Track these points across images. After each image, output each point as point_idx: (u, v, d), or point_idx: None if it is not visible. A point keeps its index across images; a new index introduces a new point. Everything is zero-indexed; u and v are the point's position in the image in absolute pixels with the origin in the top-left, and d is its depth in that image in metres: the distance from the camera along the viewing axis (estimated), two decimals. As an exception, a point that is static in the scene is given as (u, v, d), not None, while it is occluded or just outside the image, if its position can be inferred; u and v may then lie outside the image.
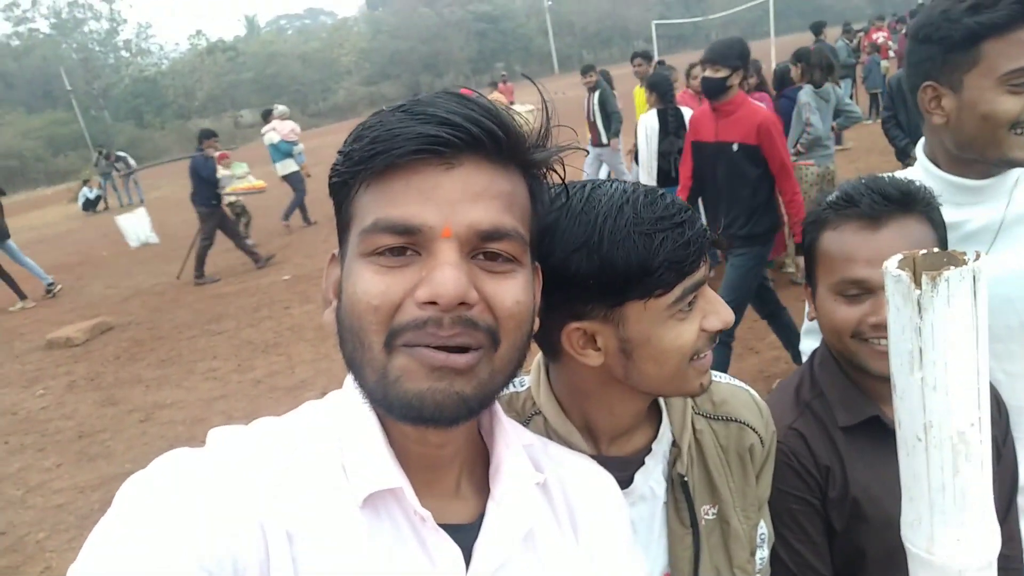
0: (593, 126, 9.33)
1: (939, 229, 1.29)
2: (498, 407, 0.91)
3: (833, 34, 15.63)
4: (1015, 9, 1.37)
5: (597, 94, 9.23)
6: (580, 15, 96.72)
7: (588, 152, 2.66)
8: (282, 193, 13.60)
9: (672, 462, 1.15)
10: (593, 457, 1.06)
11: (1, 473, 5.55)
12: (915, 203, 1.26)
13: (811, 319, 1.44)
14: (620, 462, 1.12)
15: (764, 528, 1.26)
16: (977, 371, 0.81)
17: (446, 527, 0.80)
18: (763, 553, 1.24)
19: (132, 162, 25.06)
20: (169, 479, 0.70)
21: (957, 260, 0.80)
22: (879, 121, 7.31)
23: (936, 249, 0.84)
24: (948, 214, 1.35)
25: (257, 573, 0.69)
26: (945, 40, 1.45)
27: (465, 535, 0.81)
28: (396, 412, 0.75)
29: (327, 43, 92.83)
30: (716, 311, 1.00)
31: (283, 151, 12.93)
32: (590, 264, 0.94)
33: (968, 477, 0.85)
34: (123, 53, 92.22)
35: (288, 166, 13.02)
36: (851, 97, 13.34)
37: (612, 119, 9.20)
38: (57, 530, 4.53)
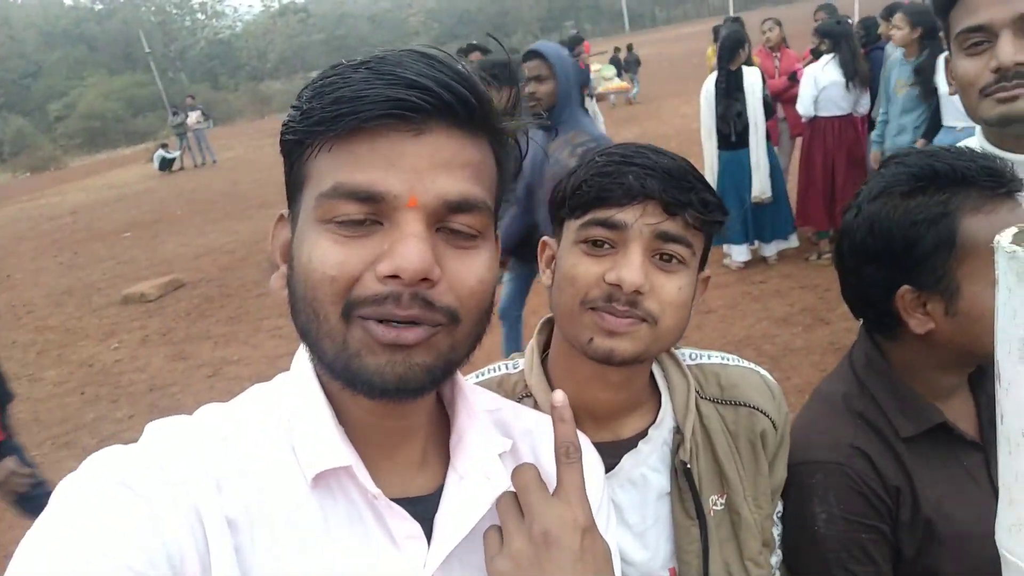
0: None
1: None
2: (459, 376, 0.87)
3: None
4: None
5: None
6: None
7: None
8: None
9: (675, 449, 1.10)
10: None
11: (77, 422, 5.79)
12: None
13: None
14: (611, 447, 1.07)
15: (780, 507, 1.22)
16: (1100, 362, 0.68)
17: (409, 500, 0.78)
18: (778, 529, 1.21)
19: (197, 116, 24.01)
20: (98, 481, 0.67)
21: (1084, 233, 0.66)
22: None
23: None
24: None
25: (199, 567, 0.66)
26: (937, 13, 1.47)
27: (426, 507, 0.80)
28: (359, 386, 0.71)
29: (396, 3, 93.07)
30: (622, 268, 0.97)
31: None
32: (560, 185, 1.07)
33: (1082, 484, 0.72)
34: (199, 16, 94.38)
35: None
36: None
37: None
38: (127, 480, 4.68)
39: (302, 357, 0.80)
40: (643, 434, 1.10)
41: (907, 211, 1.15)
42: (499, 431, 0.89)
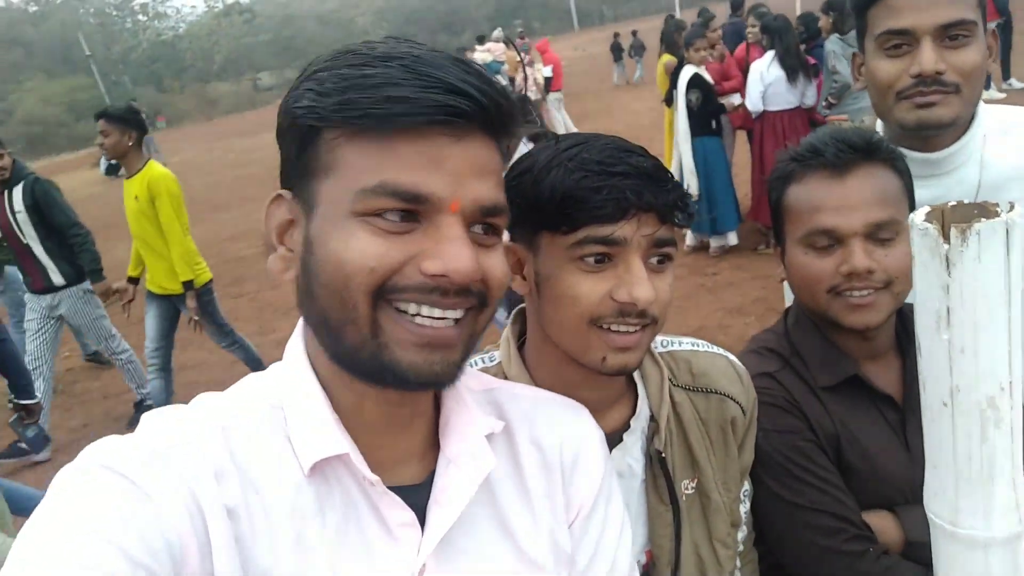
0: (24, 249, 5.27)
1: (905, 177, 1.27)
2: None
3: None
4: None
5: (20, 192, 5.02)
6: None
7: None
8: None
9: (650, 437, 1.12)
10: None
11: (30, 435, 5.63)
12: (879, 151, 1.25)
13: (781, 280, 1.40)
14: None
15: (747, 486, 1.25)
16: (1009, 332, 0.76)
17: (405, 488, 0.79)
18: (745, 507, 1.24)
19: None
20: (96, 472, 0.67)
21: (989, 212, 0.74)
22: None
23: (968, 201, 0.78)
24: (919, 194, 1.31)
25: (198, 557, 0.67)
26: (854, 8, 1.49)
27: (421, 495, 0.81)
28: (389, 379, 0.73)
29: (343, 3, 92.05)
30: (630, 284, 0.95)
31: (492, 71, 13.13)
32: (523, 187, 0.99)
33: (996, 445, 0.80)
34: (140, 17, 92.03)
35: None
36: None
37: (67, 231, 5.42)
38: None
39: (295, 346, 0.81)
40: (626, 426, 1.13)
41: (775, 170, 1.34)
42: (493, 411, 0.91)
